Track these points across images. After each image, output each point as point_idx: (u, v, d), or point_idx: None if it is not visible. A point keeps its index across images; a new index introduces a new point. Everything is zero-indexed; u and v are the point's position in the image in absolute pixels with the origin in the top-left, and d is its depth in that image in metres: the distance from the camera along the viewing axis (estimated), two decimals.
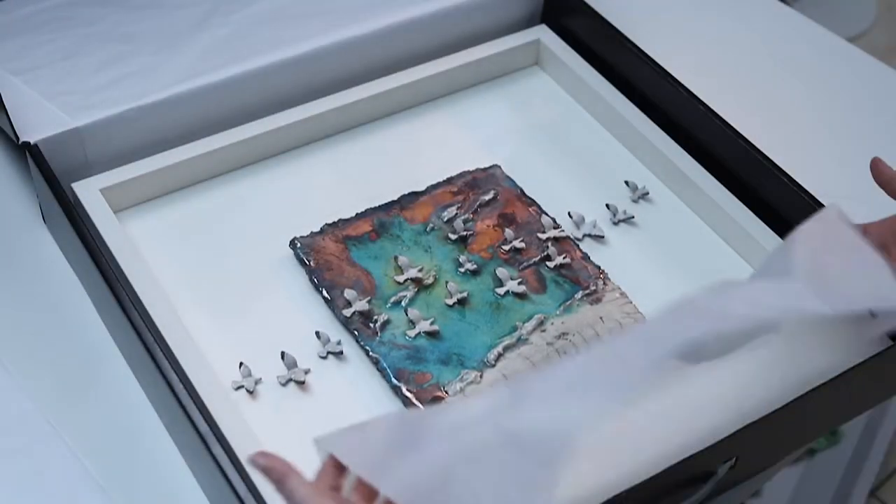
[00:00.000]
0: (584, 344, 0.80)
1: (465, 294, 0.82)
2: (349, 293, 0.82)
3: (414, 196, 0.89)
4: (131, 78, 0.91)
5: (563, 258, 0.85)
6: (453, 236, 0.86)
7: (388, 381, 0.77)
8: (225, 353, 0.78)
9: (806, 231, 0.69)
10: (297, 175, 0.92)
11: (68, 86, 0.90)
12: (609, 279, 0.84)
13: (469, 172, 0.91)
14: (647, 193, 0.91)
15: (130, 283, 0.79)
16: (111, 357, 0.80)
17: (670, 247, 0.88)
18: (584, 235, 0.88)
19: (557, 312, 0.82)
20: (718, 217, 0.88)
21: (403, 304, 0.82)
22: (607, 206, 0.89)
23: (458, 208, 0.88)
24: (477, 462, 0.60)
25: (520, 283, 0.83)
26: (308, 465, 0.60)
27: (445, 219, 0.87)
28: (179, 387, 0.71)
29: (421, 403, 0.76)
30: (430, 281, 0.83)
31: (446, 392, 0.77)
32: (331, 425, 0.73)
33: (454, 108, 0.98)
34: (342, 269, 0.83)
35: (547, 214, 0.88)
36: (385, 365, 0.78)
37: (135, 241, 0.84)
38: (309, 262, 0.84)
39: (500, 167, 0.92)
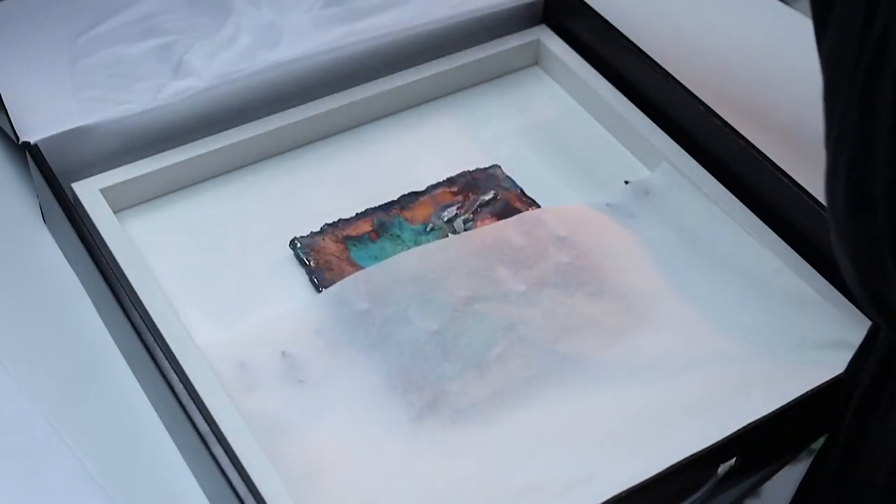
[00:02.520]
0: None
1: None
2: None
3: (414, 196, 0.89)
4: (131, 78, 0.90)
5: None
6: (454, 236, 0.86)
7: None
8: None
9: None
10: (297, 175, 0.91)
11: (68, 86, 0.90)
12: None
13: (469, 172, 0.91)
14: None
15: (130, 283, 0.79)
16: (111, 357, 0.80)
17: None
18: None
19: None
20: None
21: None
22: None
23: (458, 208, 0.88)
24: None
25: None
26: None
27: (445, 219, 0.87)
28: (179, 387, 0.71)
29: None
30: None
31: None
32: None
33: (454, 108, 0.98)
34: (342, 269, 0.83)
35: None
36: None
37: (135, 241, 0.84)
38: (309, 262, 0.84)
39: (500, 167, 0.92)
